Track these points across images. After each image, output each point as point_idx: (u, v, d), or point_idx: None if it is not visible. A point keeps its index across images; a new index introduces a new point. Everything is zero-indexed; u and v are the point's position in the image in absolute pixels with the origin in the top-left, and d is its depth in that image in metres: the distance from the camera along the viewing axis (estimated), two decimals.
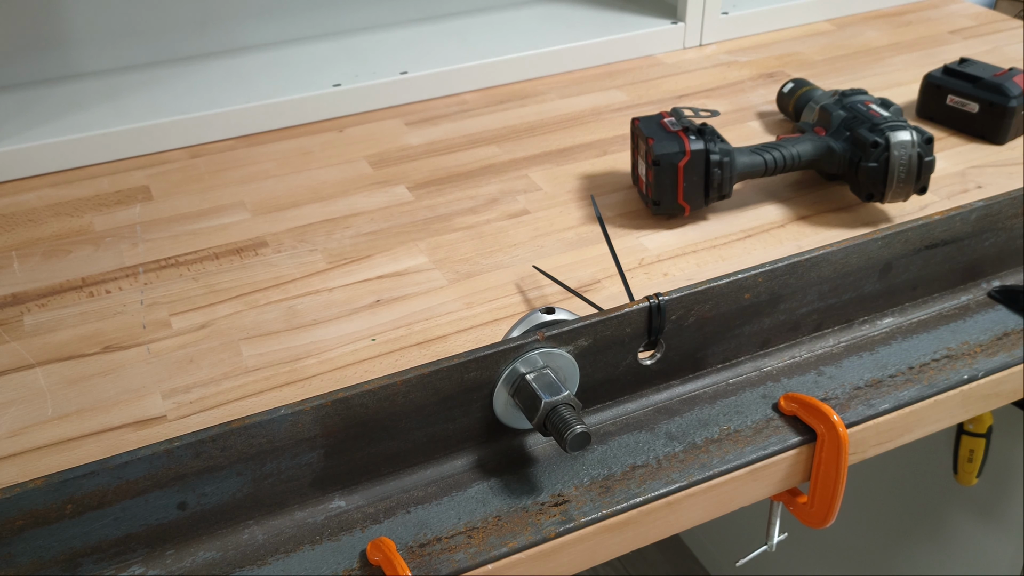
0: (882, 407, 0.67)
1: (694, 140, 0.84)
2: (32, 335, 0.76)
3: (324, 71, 1.14)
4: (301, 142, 1.06)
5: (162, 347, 0.74)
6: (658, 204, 0.87)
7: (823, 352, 0.73)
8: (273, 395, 0.69)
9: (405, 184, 0.97)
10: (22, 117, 1.04)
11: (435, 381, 0.58)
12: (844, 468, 0.63)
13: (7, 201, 0.96)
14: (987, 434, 1.20)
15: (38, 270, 0.84)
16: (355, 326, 0.76)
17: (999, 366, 0.71)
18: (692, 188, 0.85)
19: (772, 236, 0.86)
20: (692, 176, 0.85)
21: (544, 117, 1.10)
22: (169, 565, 0.55)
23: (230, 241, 0.88)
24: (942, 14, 1.37)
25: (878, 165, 0.84)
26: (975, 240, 0.76)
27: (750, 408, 0.67)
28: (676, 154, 0.84)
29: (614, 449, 0.64)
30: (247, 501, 0.57)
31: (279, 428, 0.55)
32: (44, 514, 0.51)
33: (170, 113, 1.05)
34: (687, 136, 0.84)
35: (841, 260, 0.70)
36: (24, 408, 0.68)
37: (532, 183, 0.96)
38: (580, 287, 0.79)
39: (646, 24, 1.26)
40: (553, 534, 0.58)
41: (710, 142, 0.84)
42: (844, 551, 1.61)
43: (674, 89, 1.16)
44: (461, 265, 0.83)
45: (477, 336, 0.74)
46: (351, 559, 0.56)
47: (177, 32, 1.17)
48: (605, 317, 0.62)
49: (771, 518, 0.73)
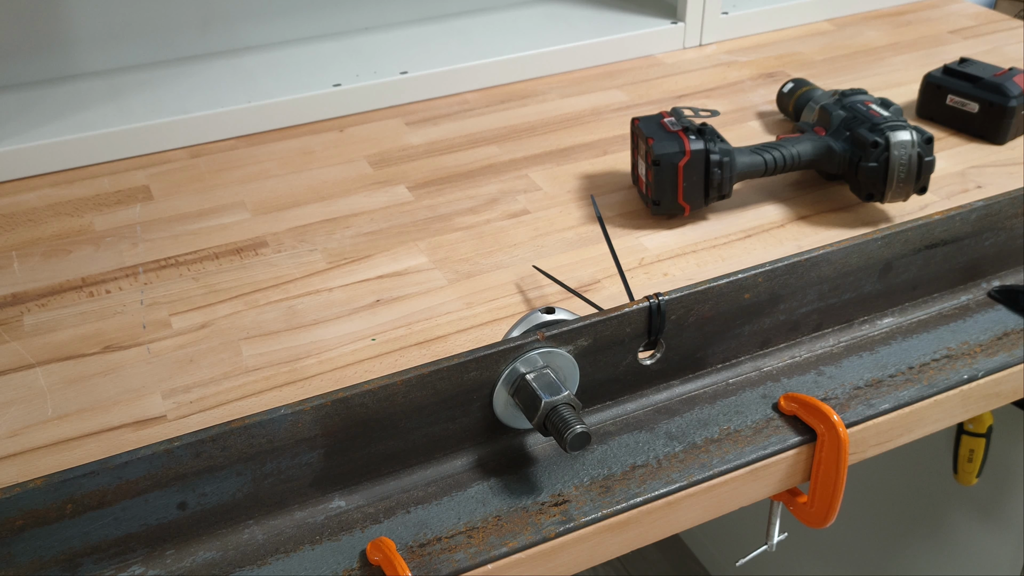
0: (882, 407, 0.67)
1: (694, 140, 0.84)
2: (32, 335, 0.76)
3: (325, 71, 1.14)
4: (301, 142, 1.06)
5: (162, 347, 0.74)
6: (658, 204, 0.87)
7: (823, 352, 0.73)
8: (273, 395, 0.69)
9: (405, 184, 0.97)
10: (22, 117, 1.04)
11: (435, 381, 0.58)
12: (844, 468, 0.63)
13: (7, 201, 0.96)
14: (987, 434, 1.20)
15: (38, 270, 0.84)
16: (355, 326, 0.76)
17: (999, 366, 0.71)
18: (692, 188, 0.85)
19: (772, 236, 0.86)
20: (692, 176, 0.85)
21: (544, 117, 1.10)
22: (169, 565, 0.55)
23: (230, 241, 0.88)
24: (942, 14, 1.37)
25: (878, 165, 0.84)
26: (975, 240, 0.76)
27: (750, 408, 0.67)
28: (676, 154, 0.84)
29: (614, 449, 0.64)
30: (247, 501, 0.57)
31: (279, 428, 0.55)
32: (44, 514, 0.51)
33: (170, 113, 1.05)
34: (687, 136, 0.84)
35: (841, 260, 0.70)
36: (24, 408, 0.68)
37: (532, 183, 0.96)
38: (580, 287, 0.79)
39: (646, 24, 1.26)
40: (553, 534, 0.58)
41: (710, 142, 0.84)
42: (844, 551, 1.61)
43: (674, 89, 1.16)
44: (461, 265, 0.83)
45: (477, 336, 0.74)
46: (351, 559, 0.56)
47: (178, 32, 1.17)
48: (605, 317, 0.62)
49: (771, 518, 0.73)
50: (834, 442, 0.63)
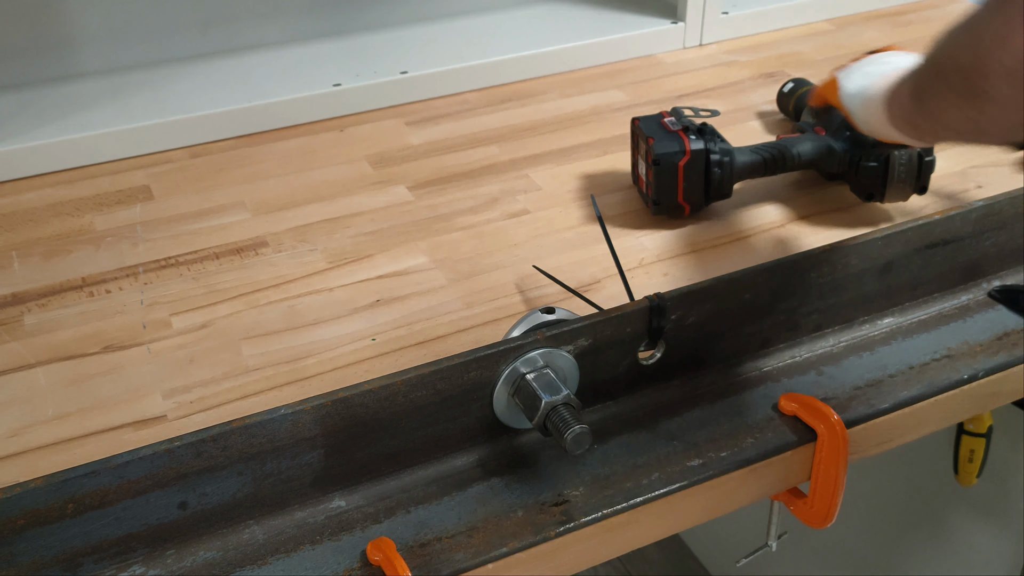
0: (882, 407, 0.67)
1: (694, 140, 0.84)
2: (32, 335, 0.76)
3: (325, 71, 1.14)
4: (302, 142, 1.06)
5: (162, 347, 0.74)
6: (658, 204, 0.87)
7: (823, 352, 0.73)
8: (273, 395, 0.69)
9: (405, 184, 0.97)
10: (22, 117, 1.04)
11: (435, 381, 0.58)
12: (844, 468, 0.63)
13: (7, 201, 0.96)
14: (987, 434, 1.20)
15: (38, 270, 0.84)
16: (355, 326, 0.76)
17: (999, 366, 0.71)
18: (692, 188, 0.85)
19: (772, 236, 0.86)
20: (692, 176, 0.84)
21: (544, 117, 1.10)
22: (170, 565, 0.55)
23: (230, 241, 0.88)
24: (942, 14, 1.37)
25: (878, 164, 0.84)
26: (975, 240, 0.76)
27: (750, 408, 0.67)
28: (676, 153, 0.84)
29: (614, 449, 0.64)
30: (247, 501, 0.57)
31: (279, 428, 0.55)
32: (45, 514, 0.51)
33: (171, 113, 1.05)
34: (687, 136, 0.84)
35: (841, 260, 0.70)
36: (24, 408, 0.68)
37: (532, 183, 0.96)
38: (580, 287, 0.79)
39: (646, 24, 1.26)
40: (553, 534, 0.58)
41: (710, 142, 0.84)
42: (844, 551, 1.61)
43: (674, 89, 1.16)
44: (461, 265, 0.83)
45: (477, 336, 0.74)
46: (351, 559, 0.56)
47: (178, 32, 1.17)
48: (605, 317, 0.62)
49: (771, 518, 0.73)
50: (834, 442, 0.63)
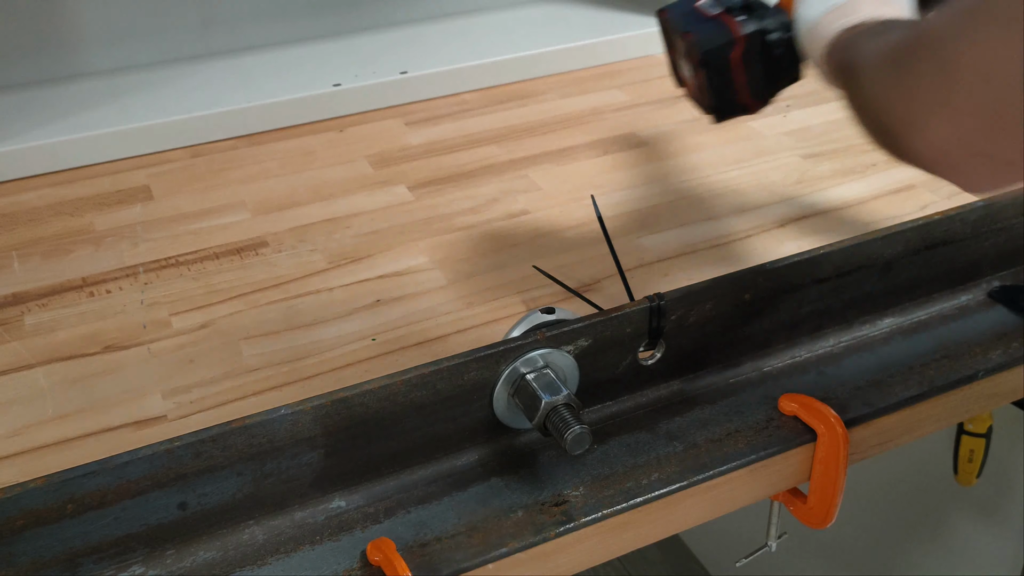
0: (882, 407, 0.67)
1: (744, 21, 0.67)
2: (32, 335, 0.76)
3: (324, 71, 1.14)
4: (301, 142, 1.06)
5: (162, 347, 0.74)
6: (719, 110, 0.72)
7: (823, 352, 0.73)
8: (273, 395, 0.69)
9: (405, 184, 0.97)
10: (22, 117, 1.04)
11: (435, 381, 0.58)
12: (844, 468, 0.63)
13: (7, 201, 0.96)
14: (987, 434, 1.20)
15: (38, 270, 0.84)
16: (355, 326, 0.76)
17: (999, 366, 0.71)
18: (755, 81, 0.69)
19: (772, 236, 0.86)
20: (752, 67, 0.68)
21: (544, 117, 1.10)
22: (169, 565, 0.55)
23: (230, 241, 0.88)
24: None
25: None
26: (975, 240, 0.76)
27: (750, 408, 0.67)
28: (725, 46, 0.67)
29: (614, 449, 0.64)
30: (247, 501, 0.57)
31: (279, 428, 0.55)
32: (44, 514, 0.51)
33: (171, 113, 1.05)
34: (733, 18, 0.68)
35: (841, 260, 0.70)
36: (24, 408, 0.68)
37: (532, 183, 0.96)
38: (580, 287, 0.79)
39: (646, 24, 1.26)
40: (553, 534, 0.58)
41: (763, 17, 0.67)
42: (844, 551, 1.61)
43: (674, 89, 1.16)
44: (461, 265, 0.83)
45: (477, 336, 0.74)
46: (351, 559, 0.56)
47: (178, 32, 1.17)
48: (605, 317, 0.62)
49: (771, 518, 0.73)
50: (834, 442, 0.63)
